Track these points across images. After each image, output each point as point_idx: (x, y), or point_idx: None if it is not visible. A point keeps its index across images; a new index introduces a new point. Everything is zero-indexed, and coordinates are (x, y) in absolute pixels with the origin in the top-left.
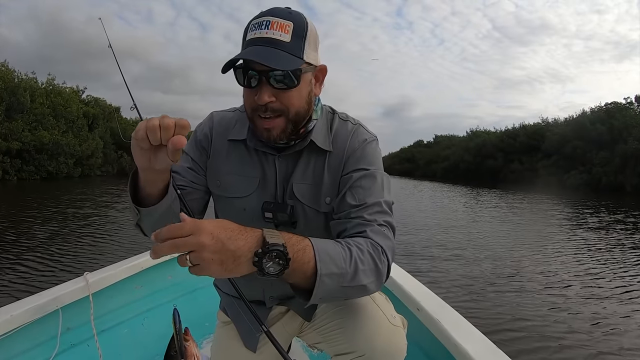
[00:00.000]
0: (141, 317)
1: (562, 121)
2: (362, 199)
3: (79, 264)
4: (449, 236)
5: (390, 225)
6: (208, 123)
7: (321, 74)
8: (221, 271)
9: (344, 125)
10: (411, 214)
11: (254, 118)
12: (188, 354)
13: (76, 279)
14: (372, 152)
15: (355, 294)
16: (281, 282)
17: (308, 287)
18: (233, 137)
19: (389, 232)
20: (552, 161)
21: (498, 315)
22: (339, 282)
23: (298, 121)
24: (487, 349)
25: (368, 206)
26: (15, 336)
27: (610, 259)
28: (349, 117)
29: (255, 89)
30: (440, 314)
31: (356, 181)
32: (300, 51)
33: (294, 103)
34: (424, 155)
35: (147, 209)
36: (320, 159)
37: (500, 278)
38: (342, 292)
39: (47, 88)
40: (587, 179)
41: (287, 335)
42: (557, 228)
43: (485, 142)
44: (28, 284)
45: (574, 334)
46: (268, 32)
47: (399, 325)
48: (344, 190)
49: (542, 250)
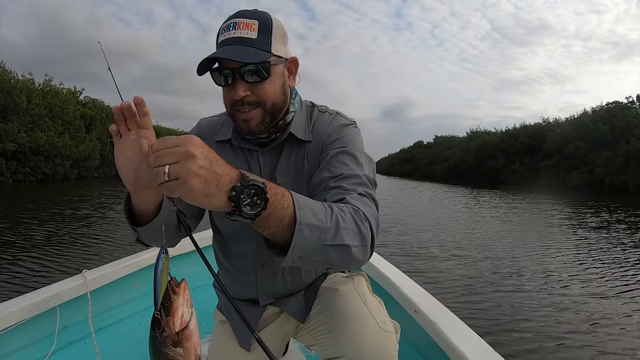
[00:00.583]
0: (139, 316)
1: (563, 121)
2: (340, 171)
3: (77, 262)
4: (447, 237)
5: (371, 197)
6: (196, 130)
7: (293, 66)
8: (200, 191)
9: (321, 116)
10: (410, 214)
11: (234, 114)
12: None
13: (74, 277)
14: (349, 134)
15: (340, 258)
16: (276, 275)
17: (285, 242)
18: (219, 138)
19: (371, 202)
20: (554, 161)
21: (497, 316)
22: (319, 237)
23: (275, 112)
24: (484, 352)
25: (346, 177)
26: (12, 333)
27: (612, 258)
28: (328, 109)
29: (231, 86)
30: (438, 317)
31: (332, 157)
32: (267, 45)
33: (269, 95)
34: (424, 156)
35: (143, 228)
36: (300, 150)
37: (500, 278)
38: (323, 252)
39: (44, 89)
40: (590, 179)
41: (283, 336)
42: (558, 228)
43: (486, 142)
44: (26, 282)
45: (575, 334)
46: (235, 32)
47: (390, 330)
48: (321, 167)
49: (542, 250)
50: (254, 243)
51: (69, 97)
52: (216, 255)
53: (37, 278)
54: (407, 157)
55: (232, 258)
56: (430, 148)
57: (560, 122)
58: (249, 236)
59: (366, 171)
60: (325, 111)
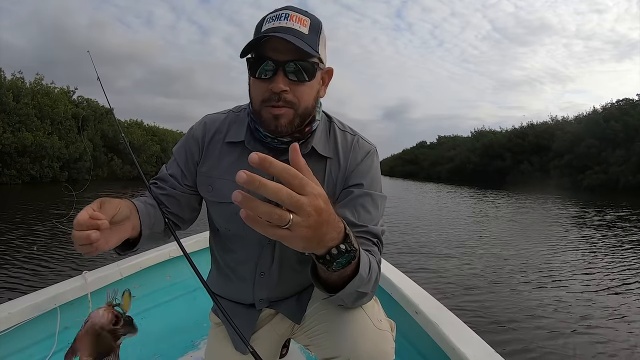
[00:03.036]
0: (139, 317)
1: (572, 119)
2: (363, 221)
3: (77, 263)
4: (450, 237)
5: (382, 249)
6: (200, 127)
7: (327, 76)
8: (302, 247)
9: (344, 135)
10: (414, 215)
11: (261, 110)
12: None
13: (75, 278)
14: (373, 166)
15: (354, 301)
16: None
17: (334, 282)
18: (231, 139)
19: (381, 255)
20: (565, 161)
21: (498, 316)
22: (358, 286)
23: (304, 118)
24: (485, 353)
25: (369, 232)
26: (12, 334)
27: (623, 261)
28: (346, 127)
29: (269, 80)
30: (438, 317)
31: (358, 198)
32: (316, 45)
33: (305, 98)
34: (427, 157)
35: (131, 250)
36: (319, 166)
37: (502, 279)
38: (350, 296)
39: (33, 88)
40: (604, 179)
41: (279, 337)
42: (577, 232)
43: (492, 142)
44: (26, 283)
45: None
46: (287, 22)
47: (386, 329)
48: (344, 203)
49: (553, 252)
50: (255, 251)
51: (60, 96)
52: (213, 256)
53: (37, 279)
54: (410, 158)
55: (230, 263)
56: (433, 148)
57: (567, 120)
58: (251, 244)
59: (381, 217)
60: (345, 130)
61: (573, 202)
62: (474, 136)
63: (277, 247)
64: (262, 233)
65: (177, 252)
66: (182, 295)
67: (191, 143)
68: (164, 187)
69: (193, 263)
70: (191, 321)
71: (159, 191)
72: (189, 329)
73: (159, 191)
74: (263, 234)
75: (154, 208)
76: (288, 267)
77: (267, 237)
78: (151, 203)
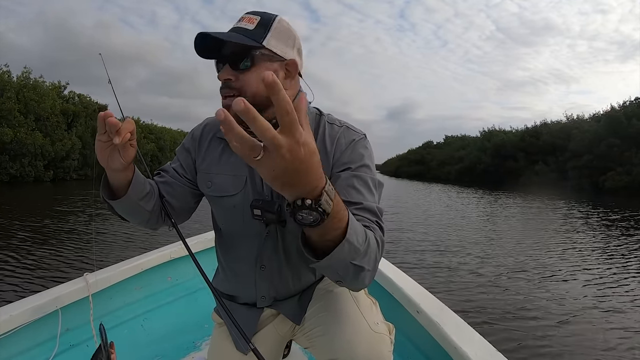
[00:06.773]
0: (140, 319)
1: (587, 118)
2: (357, 199)
3: (79, 265)
4: (455, 237)
5: (384, 230)
6: (200, 127)
7: (292, 69)
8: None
9: (331, 127)
10: (418, 215)
11: (222, 103)
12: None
13: (76, 280)
14: (361, 151)
15: (354, 276)
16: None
17: (323, 247)
18: (221, 135)
19: (383, 234)
20: (584, 161)
21: (499, 317)
22: (351, 255)
23: (257, 105)
24: (488, 352)
25: (365, 209)
26: (14, 336)
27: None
28: (335, 120)
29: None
30: (440, 317)
31: (346, 180)
32: (260, 37)
33: (251, 84)
34: (435, 157)
35: (115, 202)
36: None
37: (505, 279)
38: (347, 268)
39: (20, 82)
40: (628, 181)
41: (280, 338)
42: (603, 240)
43: (505, 142)
44: (27, 285)
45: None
46: (239, 24)
47: (382, 332)
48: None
49: (566, 257)
50: (255, 245)
51: (48, 91)
52: (217, 256)
53: (38, 281)
54: (416, 158)
55: (232, 259)
56: (440, 148)
57: (584, 119)
58: (250, 238)
59: (377, 200)
60: (333, 122)
61: (593, 205)
62: (484, 136)
63: (277, 239)
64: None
65: (178, 254)
66: (183, 297)
67: (190, 143)
68: (164, 175)
69: (197, 260)
70: (192, 322)
71: (159, 178)
72: (190, 330)
73: (159, 178)
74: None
75: (152, 186)
76: (288, 260)
77: (265, 231)
78: (151, 183)
